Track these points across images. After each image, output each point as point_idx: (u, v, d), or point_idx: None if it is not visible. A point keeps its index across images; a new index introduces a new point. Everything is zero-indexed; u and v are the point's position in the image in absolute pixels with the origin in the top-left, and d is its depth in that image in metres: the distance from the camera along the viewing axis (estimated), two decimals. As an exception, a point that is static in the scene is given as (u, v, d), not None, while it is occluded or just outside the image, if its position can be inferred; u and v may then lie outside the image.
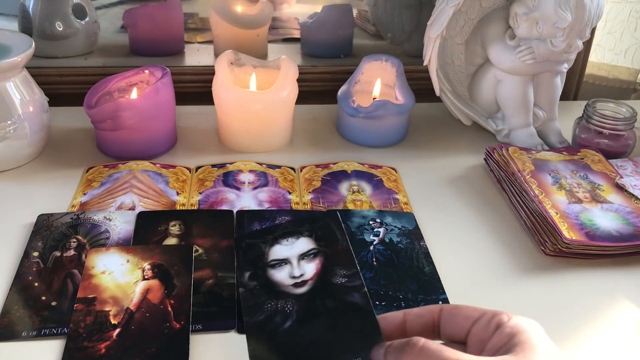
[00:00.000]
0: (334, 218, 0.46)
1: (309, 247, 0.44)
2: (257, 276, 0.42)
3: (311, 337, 0.38)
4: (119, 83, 0.75)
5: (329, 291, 0.41)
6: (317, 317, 0.40)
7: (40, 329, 0.49)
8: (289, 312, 0.40)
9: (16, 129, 0.68)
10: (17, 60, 0.67)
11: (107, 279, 0.53)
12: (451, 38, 0.81)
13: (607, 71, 1.06)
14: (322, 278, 0.42)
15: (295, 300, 0.41)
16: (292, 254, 0.43)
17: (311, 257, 0.43)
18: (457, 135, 0.84)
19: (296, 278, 0.42)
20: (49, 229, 0.60)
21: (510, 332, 0.34)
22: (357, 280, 0.41)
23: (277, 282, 0.42)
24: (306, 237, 0.44)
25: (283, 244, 0.44)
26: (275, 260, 0.43)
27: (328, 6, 0.97)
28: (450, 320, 0.38)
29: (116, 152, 0.73)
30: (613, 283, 0.58)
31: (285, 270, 0.42)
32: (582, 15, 0.72)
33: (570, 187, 0.68)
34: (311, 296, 0.41)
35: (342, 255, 0.43)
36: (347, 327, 0.39)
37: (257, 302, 0.41)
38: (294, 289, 0.41)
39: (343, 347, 0.38)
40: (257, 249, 0.44)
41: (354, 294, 0.40)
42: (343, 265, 0.42)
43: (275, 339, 0.39)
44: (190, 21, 1.02)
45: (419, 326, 0.38)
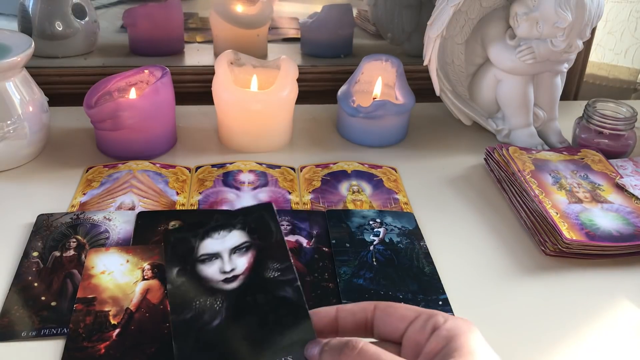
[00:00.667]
0: (268, 210, 0.43)
1: (242, 241, 0.41)
2: (185, 272, 0.40)
3: (241, 335, 0.37)
4: (119, 83, 0.75)
5: (261, 286, 0.39)
6: (248, 313, 0.38)
7: (39, 329, 0.49)
8: (218, 309, 0.38)
9: (16, 129, 0.68)
10: (16, 60, 0.67)
11: (107, 279, 0.53)
12: (451, 38, 0.81)
13: (607, 71, 1.06)
14: (254, 272, 0.40)
15: (225, 297, 0.39)
16: (224, 247, 0.41)
17: (243, 251, 0.41)
18: (457, 135, 0.84)
19: (227, 273, 0.40)
20: (49, 229, 0.60)
21: (446, 336, 0.34)
22: (290, 274, 0.39)
23: (206, 277, 0.40)
24: (239, 229, 0.42)
25: (214, 237, 0.42)
26: (205, 254, 0.41)
27: (328, 6, 0.97)
28: (385, 320, 0.37)
29: (116, 152, 0.73)
30: (613, 283, 0.58)
31: (215, 265, 0.40)
32: (583, 15, 0.72)
33: (570, 187, 0.68)
34: (242, 292, 0.39)
35: (275, 248, 0.41)
36: (279, 323, 0.37)
37: (184, 299, 0.39)
38: (224, 285, 0.39)
39: (274, 344, 0.36)
40: (187, 243, 0.41)
41: (286, 288, 0.39)
42: (276, 259, 0.40)
43: (202, 338, 0.37)
44: (190, 21, 1.02)
45: (352, 324, 0.37)
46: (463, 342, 0.33)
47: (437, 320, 0.35)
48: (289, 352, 0.36)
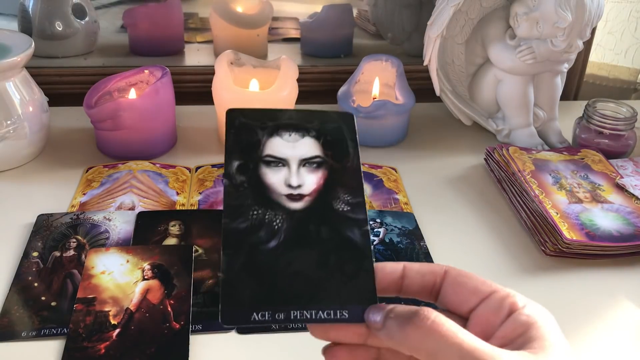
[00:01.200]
0: (349, 123, 0.37)
1: (314, 153, 0.35)
2: (247, 169, 0.34)
3: (296, 268, 0.32)
4: (119, 83, 0.75)
5: (327, 217, 0.34)
6: (308, 245, 0.33)
7: (40, 329, 0.49)
8: (276, 229, 0.33)
9: (16, 129, 0.68)
10: (16, 60, 0.67)
11: (107, 279, 0.53)
12: (451, 38, 0.81)
13: (607, 71, 1.06)
14: (322, 198, 0.34)
15: (286, 216, 0.33)
16: (293, 155, 0.35)
17: (314, 167, 0.35)
18: (458, 135, 0.84)
19: (292, 188, 0.34)
20: (49, 229, 0.60)
21: (525, 322, 0.30)
22: (360, 213, 0.34)
23: (269, 185, 0.34)
24: (312, 138, 0.36)
25: (284, 137, 0.35)
26: (272, 157, 0.35)
27: (328, 6, 0.97)
28: (455, 289, 0.33)
29: (116, 152, 0.73)
30: (613, 283, 0.58)
31: (281, 173, 0.34)
32: (583, 15, 0.72)
33: (570, 187, 0.67)
34: (306, 217, 0.33)
35: (349, 175, 0.35)
36: (339, 269, 0.32)
37: (242, 203, 0.33)
38: (288, 202, 0.34)
39: (330, 291, 0.32)
40: (253, 134, 0.35)
41: (354, 230, 0.34)
42: (348, 189, 0.35)
43: (254, 258, 0.32)
44: (190, 21, 1.02)
45: (418, 286, 0.33)
46: (543, 332, 0.30)
47: (515, 302, 0.31)
48: (344, 304, 0.31)
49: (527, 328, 0.30)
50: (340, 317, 0.31)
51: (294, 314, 0.31)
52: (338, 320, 0.31)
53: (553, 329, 0.31)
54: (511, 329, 0.30)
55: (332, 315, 0.31)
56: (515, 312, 0.31)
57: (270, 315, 0.31)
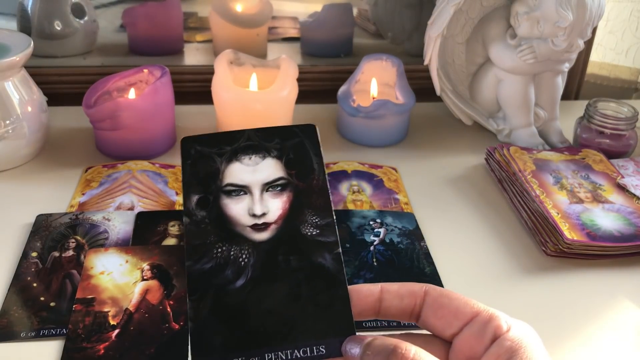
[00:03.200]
0: (311, 136, 0.35)
1: (277, 175, 0.33)
2: (207, 203, 0.32)
3: (267, 306, 0.30)
4: (118, 82, 0.75)
5: (296, 245, 0.32)
6: (278, 279, 0.31)
7: (39, 329, 0.49)
8: (243, 265, 0.31)
9: (15, 129, 0.68)
10: (15, 60, 0.66)
11: (106, 280, 0.53)
12: (452, 37, 0.80)
13: (608, 71, 1.05)
14: (288, 223, 0.32)
15: (252, 250, 0.31)
16: (255, 180, 0.33)
17: (278, 190, 0.33)
18: (458, 135, 0.84)
19: (257, 217, 0.32)
20: (48, 229, 0.60)
21: (510, 347, 0.30)
22: (331, 235, 0.32)
23: (232, 217, 0.32)
24: (274, 158, 0.34)
25: (244, 162, 0.34)
26: (233, 185, 0.33)
27: (328, 5, 0.97)
28: (436, 312, 0.32)
29: (115, 152, 0.73)
30: (614, 283, 0.58)
31: (244, 202, 0.32)
32: (583, 14, 0.72)
33: (571, 187, 0.67)
34: (273, 247, 0.32)
35: (316, 194, 0.33)
36: (313, 300, 0.31)
37: (204, 241, 0.31)
38: (253, 233, 0.32)
39: (305, 326, 0.30)
40: (210, 163, 0.33)
41: (325, 255, 0.32)
42: (316, 210, 0.33)
43: (222, 300, 0.30)
44: (189, 20, 1.02)
45: (397, 309, 0.32)
46: (527, 356, 0.29)
47: (500, 325, 0.30)
48: (321, 339, 0.30)
49: (512, 354, 0.29)
50: (317, 354, 0.30)
51: (268, 357, 0.30)
52: (315, 357, 0.30)
53: (538, 352, 0.30)
54: (495, 356, 0.30)
55: (309, 353, 0.30)
56: (499, 337, 0.30)
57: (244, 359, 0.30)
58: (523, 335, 0.30)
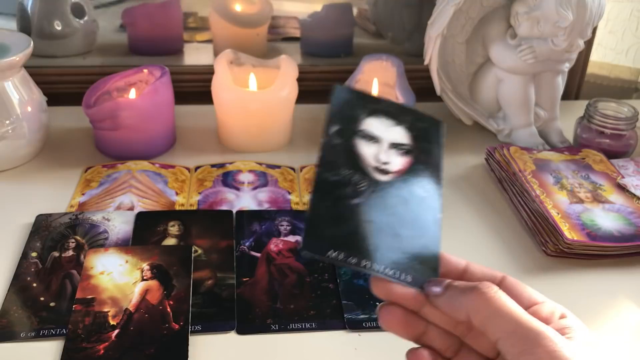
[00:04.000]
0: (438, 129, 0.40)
1: (403, 141, 0.38)
2: (343, 135, 0.37)
3: (374, 227, 0.35)
4: (118, 82, 0.75)
5: (407, 196, 0.37)
6: (387, 213, 0.36)
7: (38, 329, 0.49)
8: (361, 190, 0.36)
9: (14, 129, 0.68)
10: (15, 60, 0.66)
11: (106, 280, 0.53)
12: (452, 37, 0.80)
13: (608, 70, 1.05)
14: (405, 178, 0.37)
15: (372, 183, 0.36)
16: (386, 136, 0.38)
17: (402, 152, 0.38)
18: (458, 135, 0.84)
19: (380, 163, 0.37)
20: (48, 229, 0.60)
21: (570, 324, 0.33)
22: (435, 202, 0.38)
23: (361, 154, 0.37)
24: (404, 129, 0.39)
25: (380, 120, 0.38)
26: (367, 132, 0.38)
27: (328, 5, 0.97)
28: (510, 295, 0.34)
29: (115, 152, 0.73)
30: (614, 283, 0.58)
31: (372, 148, 0.37)
32: (584, 14, 0.72)
33: (571, 187, 0.67)
34: (389, 188, 0.36)
35: (431, 170, 0.38)
36: (411, 242, 0.35)
37: (335, 160, 0.36)
38: (375, 173, 0.37)
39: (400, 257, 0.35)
40: (353, 109, 0.38)
41: (427, 214, 0.37)
42: (428, 180, 0.38)
43: (338, 206, 0.35)
44: (189, 20, 1.02)
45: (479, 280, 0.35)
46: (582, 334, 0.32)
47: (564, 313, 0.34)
48: (409, 269, 0.34)
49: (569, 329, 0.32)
50: (404, 279, 0.34)
51: (364, 263, 0.33)
52: (401, 281, 0.34)
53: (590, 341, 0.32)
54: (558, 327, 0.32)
55: (397, 275, 0.34)
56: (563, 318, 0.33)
57: (344, 256, 0.33)
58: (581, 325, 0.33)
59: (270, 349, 0.49)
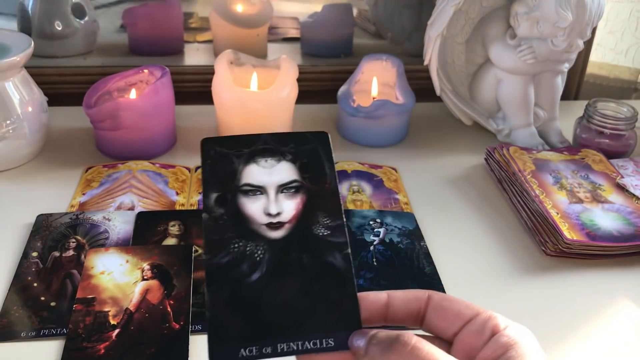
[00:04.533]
0: (324, 143, 0.36)
1: (291, 178, 0.35)
2: (225, 201, 0.34)
3: (280, 300, 0.32)
4: (118, 83, 0.75)
5: (308, 244, 0.33)
6: (291, 275, 0.33)
7: (39, 329, 0.49)
8: (258, 261, 0.33)
9: (15, 129, 0.68)
10: (16, 60, 0.67)
11: (107, 280, 0.53)
12: (452, 37, 0.80)
13: (608, 71, 1.05)
14: (301, 223, 0.34)
15: (267, 247, 0.33)
16: (271, 181, 0.34)
17: (292, 192, 0.34)
18: (458, 135, 0.84)
19: (272, 217, 0.34)
20: (48, 229, 0.60)
21: (506, 343, 0.31)
22: (340, 236, 0.34)
23: (249, 216, 0.34)
24: (289, 161, 0.35)
25: (260, 164, 0.35)
26: (250, 185, 0.34)
27: (328, 5, 0.97)
28: (439, 314, 0.33)
29: (115, 152, 0.73)
30: (614, 283, 0.58)
31: (260, 202, 0.34)
32: (583, 14, 0.72)
33: (571, 187, 0.67)
34: (287, 245, 0.33)
35: (327, 198, 0.35)
36: (323, 296, 0.32)
37: (222, 237, 0.33)
38: (268, 231, 0.33)
39: (316, 320, 0.32)
40: (229, 164, 0.35)
41: (335, 254, 0.33)
42: (327, 212, 0.34)
43: (238, 292, 0.32)
44: (189, 20, 1.02)
45: (403, 314, 0.34)
46: (522, 352, 0.31)
47: (497, 324, 0.32)
48: (330, 332, 0.32)
49: (507, 349, 0.31)
50: (327, 346, 0.32)
51: (280, 347, 0.31)
52: (324, 349, 0.32)
53: (533, 349, 0.31)
54: (492, 351, 0.31)
55: (319, 345, 0.32)
56: (496, 334, 0.32)
57: (257, 350, 0.31)
58: (519, 333, 0.32)
59: (271, 348, 0.49)
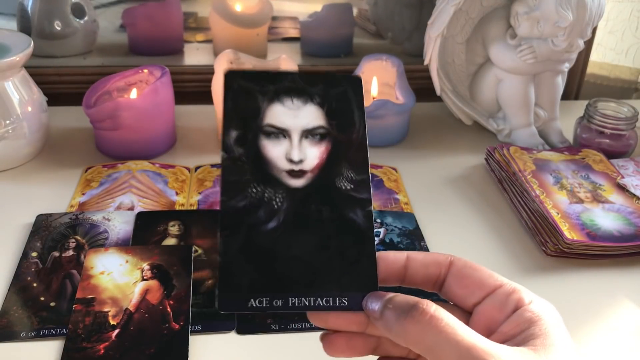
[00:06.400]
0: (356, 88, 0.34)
1: (317, 123, 0.33)
2: (245, 141, 0.32)
3: (295, 252, 0.31)
4: (118, 82, 0.75)
5: (330, 196, 0.32)
6: (309, 227, 0.31)
7: (39, 329, 0.49)
8: (276, 209, 0.31)
9: (15, 129, 0.68)
10: (15, 60, 0.66)
11: (106, 280, 0.53)
12: (452, 37, 0.80)
13: (608, 71, 1.05)
14: (324, 174, 0.32)
15: (287, 195, 0.31)
16: (295, 125, 0.32)
17: (317, 139, 0.32)
18: (458, 135, 0.84)
19: (294, 163, 0.32)
20: (48, 229, 0.60)
21: (529, 319, 0.29)
22: (364, 192, 0.32)
23: (269, 160, 0.32)
24: (316, 105, 0.33)
25: (285, 104, 0.33)
26: (272, 126, 0.32)
27: (328, 5, 0.97)
28: (459, 282, 0.32)
29: (115, 151, 0.73)
30: (614, 283, 0.58)
31: (282, 146, 0.32)
32: (583, 14, 0.72)
33: (571, 187, 0.67)
34: (307, 196, 0.32)
35: (354, 149, 0.33)
36: (340, 254, 0.31)
37: (240, 179, 0.31)
38: (289, 179, 0.32)
39: (330, 277, 0.31)
40: (252, 99, 0.33)
41: (356, 211, 0.32)
42: (353, 164, 0.32)
43: (252, 240, 0.30)
44: (189, 20, 1.02)
45: (421, 277, 0.32)
46: (546, 329, 0.29)
47: (522, 298, 0.30)
48: (344, 291, 0.30)
49: (530, 324, 0.29)
50: (339, 305, 0.30)
51: (291, 301, 0.30)
52: (337, 308, 0.30)
53: (557, 326, 0.30)
54: (514, 325, 0.30)
55: (331, 303, 0.30)
56: (520, 308, 0.30)
57: (267, 301, 0.30)
58: (544, 309, 0.30)
59: (270, 349, 0.49)
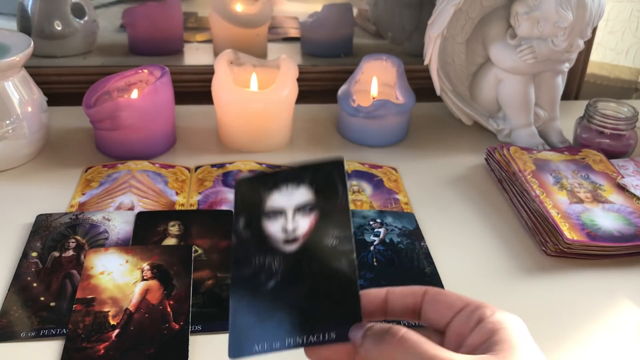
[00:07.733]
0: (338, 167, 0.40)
1: (307, 200, 0.39)
2: (251, 225, 0.39)
3: (290, 302, 0.37)
4: (118, 82, 0.75)
5: (318, 253, 0.38)
6: (301, 280, 0.37)
7: (39, 329, 0.49)
8: (274, 272, 0.37)
9: (15, 129, 0.68)
10: (15, 60, 0.66)
11: (106, 280, 0.53)
12: (452, 37, 0.80)
13: (608, 71, 1.05)
14: (313, 237, 0.38)
15: (282, 259, 0.38)
16: (289, 204, 0.39)
17: (307, 211, 0.39)
18: (458, 135, 0.84)
19: (288, 233, 0.38)
20: (48, 229, 0.60)
21: (491, 329, 0.32)
22: (348, 245, 0.38)
23: (269, 235, 0.38)
24: (306, 186, 0.40)
25: (282, 191, 0.40)
26: (272, 209, 0.39)
27: (328, 5, 0.97)
28: (433, 307, 0.36)
29: (115, 152, 0.73)
30: (614, 283, 0.58)
31: (279, 222, 0.39)
32: (583, 14, 0.72)
33: (571, 187, 0.67)
34: (299, 256, 0.38)
35: (338, 213, 0.39)
36: (328, 296, 0.37)
37: (246, 254, 0.38)
38: (284, 246, 0.38)
39: (321, 317, 0.36)
40: (255, 194, 0.40)
41: (342, 260, 0.37)
42: (337, 225, 0.39)
43: (255, 299, 0.37)
44: (189, 20, 1.02)
45: (401, 308, 0.37)
46: (507, 335, 0.32)
47: (484, 312, 0.34)
48: (333, 327, 0.35)
49: (493, 334, 0.32)
50: (329, 339, 0.35)
51: (287, 342, 0.35)
52: (327, 341, 0.35)
53: (519, 332, 0.32)
54: (478, 337, 0.33)
55: (321, 338, 0.35)
56: (482, 321, 0.33)
57: (268, 345, 0.35)
58: (506, 319, 0.33)
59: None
